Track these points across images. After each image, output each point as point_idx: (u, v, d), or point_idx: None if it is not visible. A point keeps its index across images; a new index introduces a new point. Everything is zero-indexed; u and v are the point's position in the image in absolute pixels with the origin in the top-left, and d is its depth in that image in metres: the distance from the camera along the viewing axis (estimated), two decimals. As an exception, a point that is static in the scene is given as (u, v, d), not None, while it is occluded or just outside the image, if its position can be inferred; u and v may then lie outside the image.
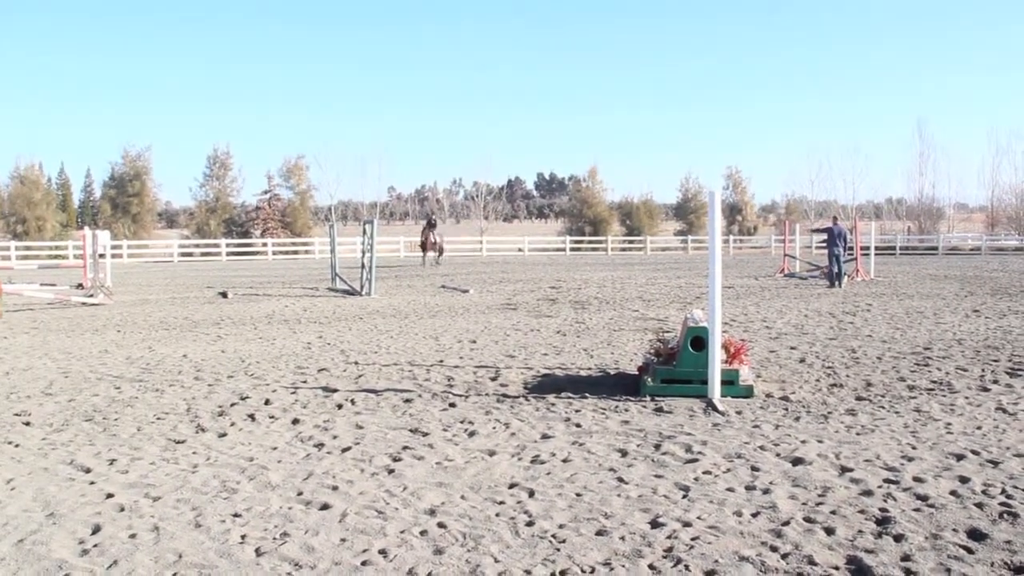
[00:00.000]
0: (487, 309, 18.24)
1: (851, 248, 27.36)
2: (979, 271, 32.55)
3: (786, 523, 4.91)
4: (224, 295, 22.27)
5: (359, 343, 12.83)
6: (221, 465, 6.26)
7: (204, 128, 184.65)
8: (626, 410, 8.02)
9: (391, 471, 6.08)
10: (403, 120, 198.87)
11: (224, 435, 7.18)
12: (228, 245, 54.66)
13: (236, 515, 5.14)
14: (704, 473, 5.95)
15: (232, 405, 8.39)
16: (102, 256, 22.65)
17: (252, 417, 7.85)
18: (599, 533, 4.79)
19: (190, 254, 54.73)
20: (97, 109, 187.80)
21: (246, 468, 6.17)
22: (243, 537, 4.76)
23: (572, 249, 62.57)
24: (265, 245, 56.41)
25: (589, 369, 10.36)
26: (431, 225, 38.55)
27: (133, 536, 4.78)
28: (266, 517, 5.11)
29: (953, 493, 5.44)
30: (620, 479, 5.83)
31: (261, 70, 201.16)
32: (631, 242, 67.61)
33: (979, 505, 5.19)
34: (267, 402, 8.51)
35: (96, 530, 4.88)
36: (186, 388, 9.28)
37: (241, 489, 5.67)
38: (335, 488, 5.68)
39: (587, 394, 8.73)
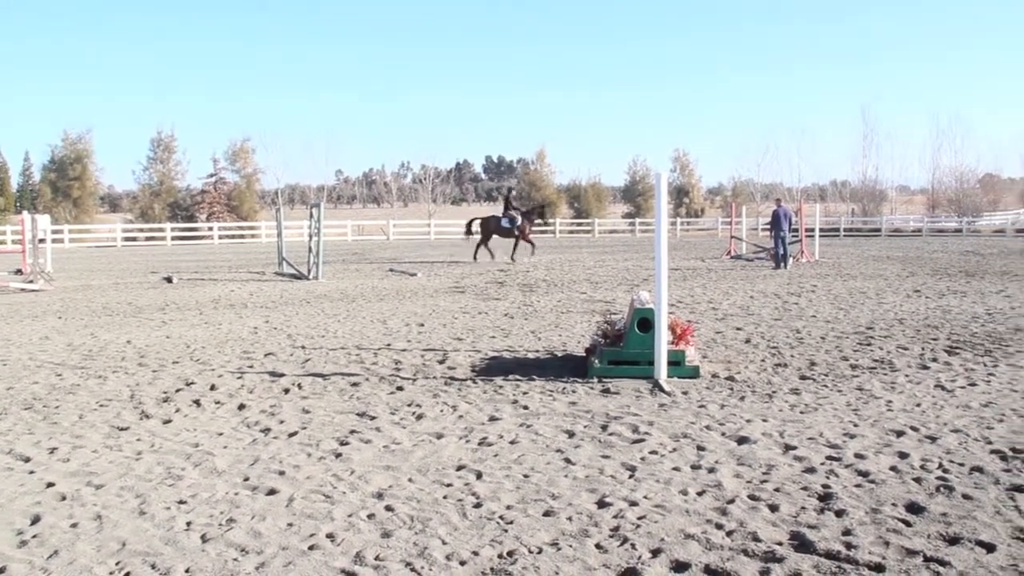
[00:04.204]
0: (435, 292, 18.20)
1: (796, 230, 27.72)
2: (920, 252, 33.17)
3: (731, 501, 4.98)
4: (169, 280, 21.94)
5: (306, 327, 12.73)
6: (166, 452, 6.19)
7: (147, 110, 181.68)
8: (573, 391, 8.06)
9: (338, 455, 6.05)
10: (350, 103, 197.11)
11: (169, 421, 7.09)
12: (173, 229, 53.83)
13: (181, 502, 5.09)
14: (651, 453, 6.00)
15: (177, 391, 8.29)
16: (42, 241, 22.22)
17: (198, 403, 7.76)
18: (546, 514, 4.81)
19: (134, 239, 53.75)
20: (36, 91, 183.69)
21: (191, 454, 6.10)
22: (188, 524, 4.71)
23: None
24: (211, 229, 55.53)
25: (537, 351, 10.38)
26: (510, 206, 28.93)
27: (75, 525, 4.70)
28: (212, 503, 5.06)
29: (893, 469, 5.56)
30: (567, 460, 5.86)
31: (205, 51, 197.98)
32: (579, 225, 67.72)
33: (917, 480, 5.31)
34: (213, 387, 8.41)
35: (36, 520, 4.79)
36: (130, 374, 9.14)
37: (186, 475, 5.61)
38: (282, 473, 5.64)
39: (535, 376, 8.76)
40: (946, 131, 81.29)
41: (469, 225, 30.11)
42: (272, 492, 5.25)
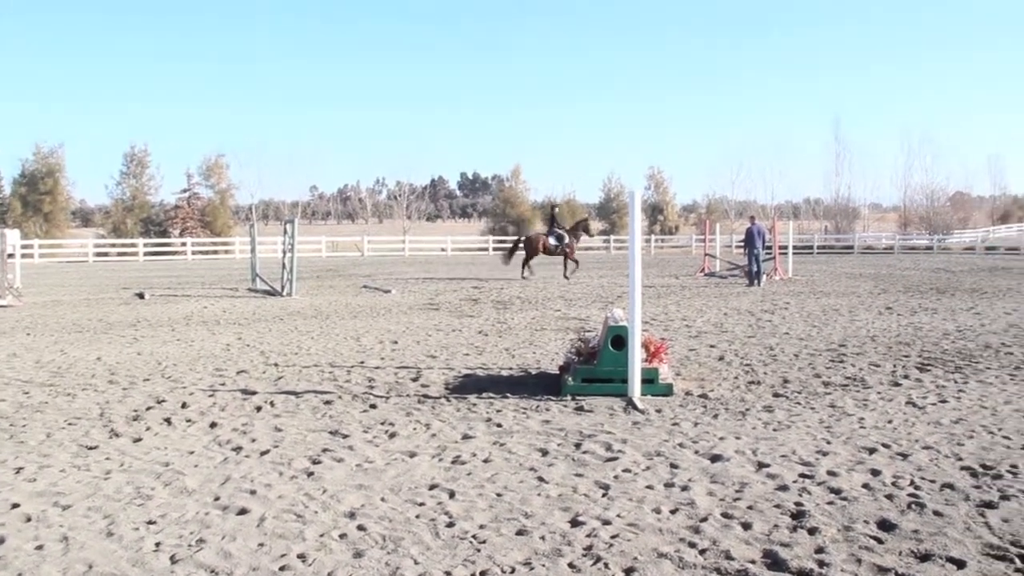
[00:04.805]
0: (409, 309, 18.15)
1: (769, 247, 27.89)
2: (892, 270, 33.48)
3: (704, 519, 4.98)
4: (141, 296, 21.77)
5: (279, 344, 12.66)
6: (135, 471, 6.11)
7: (120, 125, 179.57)
8: (547, 409, 8.05)
9: (310, 474, 6.01)
10: (325, 119, 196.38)
11: (139, 440, 7.01)
12: (146, 245, 53.40)
13: (150, 522, 5.02)
14: (624, 471, 6.00)
15: (148, 409, 8.20)
16: (11, 256, 21.98)
17: (168, 421, 7.68)
18: (519, 533, 4.79)
19: (106, 254, 53.29)
20: (6, 103, 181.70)
21: (161, 473, 6.03)
22: (157, 545, 4.65)
23: (495, 249, 62.52)
24: (184, 245, 55.16)
25: (511, 369, 10.37)
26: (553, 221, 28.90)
27: (40, 547, 4.63)
28: (182, 523, 5.00)
29: (865, 486, 5.58)
30: (541, 478, 5.85)
31: (178, 66, 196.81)
32: (554, 241, 67.81)
33: (889, 497, 5.34)
34: (184, 405, 8.34)
35: None
36: (99, 392, 9.05)
37: (156, 495, 5.55)
38: (253, 492, 5.59)
39: (508, 394, 8.74)
40: (917, 150, 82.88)
41: (515, 246, 29.37)
42: (243, 512, 5.20)
